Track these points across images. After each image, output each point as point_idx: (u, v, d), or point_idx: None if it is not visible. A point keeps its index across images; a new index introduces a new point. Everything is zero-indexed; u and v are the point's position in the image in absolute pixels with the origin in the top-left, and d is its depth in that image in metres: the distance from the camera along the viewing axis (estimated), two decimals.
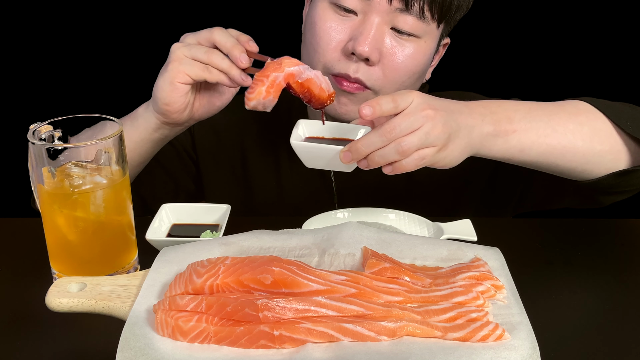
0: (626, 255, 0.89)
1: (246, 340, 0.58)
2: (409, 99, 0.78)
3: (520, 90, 1.27)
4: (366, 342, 0.59)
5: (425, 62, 0.99)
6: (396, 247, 0.73)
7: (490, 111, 0.84)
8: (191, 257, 0.70)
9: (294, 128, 0.85)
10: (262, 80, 0.83)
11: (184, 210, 0.92)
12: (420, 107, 0.77)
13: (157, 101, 0.91)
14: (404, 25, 0.94)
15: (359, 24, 0.95)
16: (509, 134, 0.84)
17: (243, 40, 0.89)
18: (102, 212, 0.76)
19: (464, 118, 0.81)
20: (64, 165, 0.75)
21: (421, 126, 0.77)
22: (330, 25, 0.96)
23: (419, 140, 0.77)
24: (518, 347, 0.58)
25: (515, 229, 0.96)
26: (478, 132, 0.82)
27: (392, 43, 0.95)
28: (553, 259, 0.86)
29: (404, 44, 0.96)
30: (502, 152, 0.85)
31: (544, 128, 0.86)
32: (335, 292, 0.63)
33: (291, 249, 0.72)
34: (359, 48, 0.93)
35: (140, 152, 1.00)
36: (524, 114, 0.85)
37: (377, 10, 0.94)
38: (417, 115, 0.77)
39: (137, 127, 0.97)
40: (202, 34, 0.90)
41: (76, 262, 0.78)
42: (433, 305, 0.63)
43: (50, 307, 0.65)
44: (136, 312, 0.62)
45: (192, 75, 0.88)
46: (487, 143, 0.83)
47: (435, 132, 0.77)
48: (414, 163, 0.78)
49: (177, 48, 0.89)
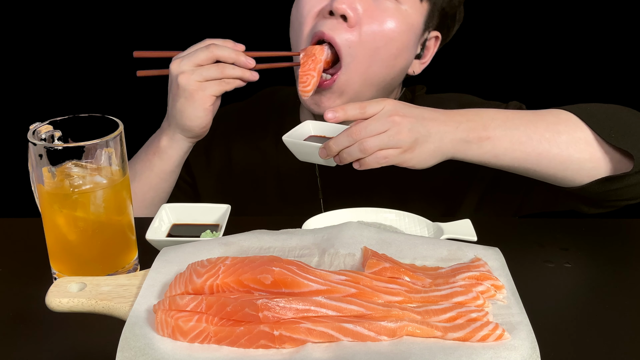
0: (626, 255, 0.89)
1: (246, 340, 0.58)
2: (379, 106, 0.86)
3: (519, 91, 1.27)
4: (366, 342, 0.59)
5: (404, 32, 1.01)
6: (396, 247, 0.73)
7: (466, 119, 0.90)
8: (191, 257, 0.70)
9: (296, 127, 0.96)
10: (310, 74, 0.99)
11: (184, 210, 0.92)
12: (388, 113, 0.86)
13: (192, 129, 1.00)
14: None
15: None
16: (483, 140, 0.89)
17: (235, 45, 0.97)
18: (102, 212, 0.76)
19: (436, 125, 0.88)
20: (64, 165, 0.75)
21: (386, 130, 0.85)
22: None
23: (380, 142, 0.85)
24: (518, 347, 0.57)
25: (515, 229, 0.96)
26: (450, 138, 0.88)
27: (370, 4, 0.99)
28: (553, 259, 0.86)
29: (384, 7, 0.99)
30: (476, 157, 0.91)
31: (519, 136, 0.90)
32: (335, 292, 0.63)
33: (291, 249, 0.73)
34: (335, 4, 0.97)
35: (172, 181, 1.07)
36: (501, 122, 0.90)
37: None
38: (383, 120, 0.85)
39: (167, 159, 1.03)
40: (200, 55, 0.95)
41: (76, 262, 0.78)
42: (433, 305, 0.63)
43: (50, 307, 0.65)
44: (136, 312, 0.62)
45: (216, 94, 0.97)
46: (460, 148, 0.89)
47: (399, 136, 0.85)
48: (376, 161, 0.86)
49: (187, 78, 0.95)
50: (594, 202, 0.97)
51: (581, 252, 0.89)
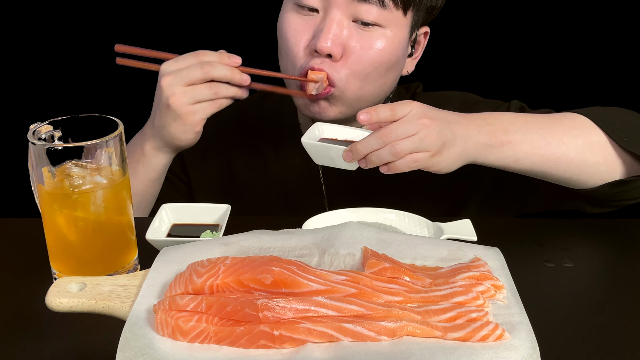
0: (626, 255, 0.89)
1: (246, 340, 0.58)
2: (407, 108, 0.84)
3: (518, 89, 1.27)
4: (366, 342, 0.58)
5: (392, 53, 0.99)
6: (396, 247, 0.73)
7: (487, 123, 0.89)
8: (191, 257, 0.70)
9: (310, 129, 0.93)
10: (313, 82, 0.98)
11: (184, 210, 0.92)
12: (417, 116, 0.84)
13: (180, 146, 1.00)
14: (366, 15, 0.95)
15: (320, 20, 0.96)
16: (504, 144, 0.89)
17: (229, 61, 0.94)
18: (102, 212, 0.76)
19: (461, 128, 0.86)
20: (64, 165, 0.75)
21: (416, 133, 0.83)
22: (294, 27, 0.98)
23: (412, 144, 0.83)
24: (518, 347, 0.57)
25: (515, 229, 0.96)
26: (474, 142, 0.87)
27: (354, 35, 0.96)
28: (553, 259, 0.86)
29: (367, 35, 0.96)
30: (497, 161, 0.90)
31: (538, 140, 0.90)
32: (335, 292, 0.63)
33: (291, 249, 0.72)
34: (319, 45, 0.94)
35: (157, 187, 1.06)
36: (520, 126, 0.90)
37: (337, 4, 0.95)
38: (414, 123, 0.83)
39: (152, 168, 1.02)
40: (193, 75, 0.92)
41: (76, 262, 0.78)
42: (433, 305, 0.63)
43: (50, 307, 0.65)
44: (136, 312, 0.62)
45: (207, 115, 0.95)
46: (482, 152, 0.88)
47: (429, 139, 0.83)
48: (406, 164, 0.84)
49: (178, 101, 0.93)
50: (599, 202, 0.98)
51: (581, 252, 0.89)
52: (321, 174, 1.14)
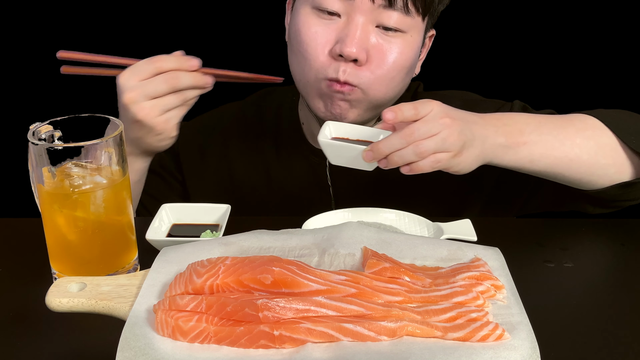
0: (626, 255, 0.89)
1: (246, 340, 0.58)
2: (429, 107, 0.82)
3: (518, 89, 1.27)
4: (366, 342, 0.58)
5: (413, 56, 1.00)
6: (396, 247, 0.73)
7: (503, 123, 0.88)
8: (191, 257, 0.70)
9: (322, 128, 0.90)
10: None
11: (184, 210, 0.92)
12: (439, 115, 0.82)
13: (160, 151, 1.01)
14: (389, 21, 0.95)
15: (344, 25, 0.95)
16: (520, 145, 0.88)
17: (190, 64, 0.94)
18: (102, 212, 0.76)
19: (479, 128, 0.86)
20: (64, 165, 0.75)
21: (439, 132, 0.81)
22: (315, 30, 0.97)
23: (435, 144, 0.81)
24: (518, 347, 0.57)
25: (515, 229, 0.96)
26: (491, 143, 0.87)
27: (378, 41, 0.96)
28: (553, 259, 0.86)
29: (391, 40, 0.96)
30: (512, 162, 0.90)
31: (552, 141, 0.90)
32: (335, 292, 0.63)
33: (291, 249, 0.73)
34: (346, 50, 0.93)
35: (139, 189, 1.08)
36: (535, 127, 0.90)
37: (361, 10, 0.94)
38: (436, 122, 0.81)
39: (134, 171, 1.03)
40: (158, 88, 0.92)
41: (76, 262, 0.78)
42: (433, 305, 0.63)
43: (50, 307, 0.65)
44: (136, 312, 0.62)
45: (180, 119, 0.96)
46: (499, 153, 0.88)
47: (451, 139, 0.82)
48: (429, 165, 0.82)
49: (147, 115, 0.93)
50: (602, 203, 0.98)
51: (581, 252, 0.89)
52: (328, 174, 1.12)
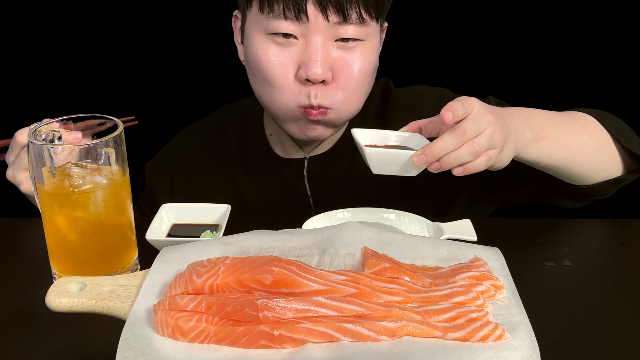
0: (626, 255, 0.89)
1: (246, 340, 0.58)
2: (471, 104, 0.80)
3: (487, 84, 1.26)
4: (366, 342, 0.59)
5: (375, 60, 1.00)
6: (396, 247, 0.73)
7: (526, 117, 0.88)
8: (191, 257, 0.70)
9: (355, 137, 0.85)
10: None
11: (184, 210, 0.92)
12: (482, 112, 0.80)
13: None
14: (346, 33, 0.93)
15: (303, 48, 0.94)
16: (542, 139, 0.88)
17: None
18: (102, 212, 0.76)
19: (511, 122, 0.85)
20: (64, 165, 0.75)
21: (486, 129, 0.79)
22: (275, 59, 0.94)
23: (486, 141, 0.79)
24: (518, 347, 0.57)
25: (515, 229, 0.96)
26: (520, 136, 0.86)
27: (340, 54, 0.95)
28: (553, 259, 0.86)
29: (352, 50, 0.95)
30: (533, 156, 0.89)
31: (565, 136, 0.91)
32: (335, 292, 0.63)
33: (291, 249, 0.73)
34: (311, 74, 0.92)
35: None
36: (550, 121, 0.90)
37: (317, 31, 0.92)
38: (482, 119, 0.79)
39: None
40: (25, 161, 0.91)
41: (76, 262, 0.78)
42: (433, 305, 0.63)
43: (50, 307, 0.65)
44: (136, 312, 0.62)
45: None
46: (526, 146, 0.87)
47: (496, 135, 0.80)
48: (483, 163, 0.80)
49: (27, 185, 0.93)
50: (578, 197, 1.01)
51: (581, 252, 0.89)
52: (307, 184, 1.11)
